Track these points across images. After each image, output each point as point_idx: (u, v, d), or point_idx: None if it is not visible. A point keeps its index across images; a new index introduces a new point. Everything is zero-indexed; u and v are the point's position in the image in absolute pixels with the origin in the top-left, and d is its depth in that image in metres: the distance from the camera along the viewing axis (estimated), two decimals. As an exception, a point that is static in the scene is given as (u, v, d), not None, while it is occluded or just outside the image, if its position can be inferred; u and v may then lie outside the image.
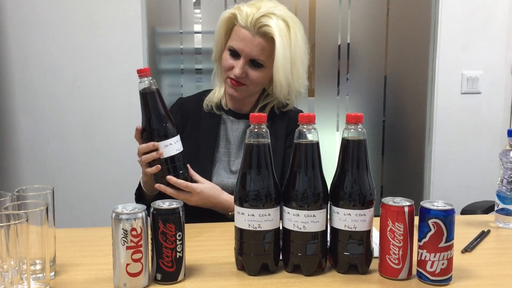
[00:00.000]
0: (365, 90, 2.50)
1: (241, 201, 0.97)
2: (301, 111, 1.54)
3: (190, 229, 1.23)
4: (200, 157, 1.47)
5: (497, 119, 2.45)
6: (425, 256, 0.93)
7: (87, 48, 2.31)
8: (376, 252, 1.00)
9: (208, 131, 1.49)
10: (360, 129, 0.98)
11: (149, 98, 1.23)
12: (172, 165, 1.26)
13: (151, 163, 1.25)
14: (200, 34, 2.43)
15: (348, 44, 2.45)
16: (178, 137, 1.27)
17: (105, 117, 2.34)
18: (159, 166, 1.24)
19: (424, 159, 2.54)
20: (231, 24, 1.41)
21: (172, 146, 1.24)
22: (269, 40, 1.35)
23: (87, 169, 2.35)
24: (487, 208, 1.92)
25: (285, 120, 1.51)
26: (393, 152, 2.53)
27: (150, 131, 1.24)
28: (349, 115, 0.98)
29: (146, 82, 1.23)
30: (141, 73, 1.22)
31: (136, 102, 1.24)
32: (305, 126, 0.98)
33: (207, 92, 1.56)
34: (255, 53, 1.36)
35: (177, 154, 1.26)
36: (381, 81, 2.49)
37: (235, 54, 1.39)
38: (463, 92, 2.42)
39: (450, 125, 2.44)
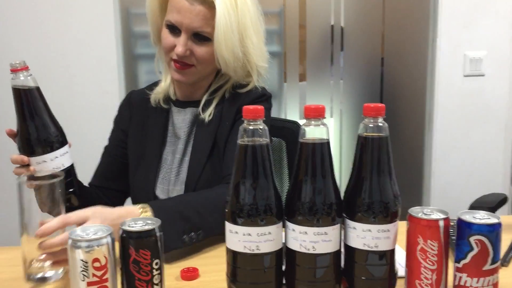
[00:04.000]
0: (361, 74, 2.32)
1: (234, 216, 0.78)
2: (264, 90, 1.26)
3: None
4: (146, 161, 1.26)
5: (502, 103, 2.30)
6: (465, 281, 0.75)
7: (52, 32, 2.07)
8: (400, 274, 0.82)
9: (155, 130, 1.26)
10: (381, 124, 0.79)
11: (24, 97, 0.98)
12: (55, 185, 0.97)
13: None
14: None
15: (342, 26, 2.25)
16: (63, 150, 1.01)
17: (74, 108, 2.11)
18: (33, 183, 0.91)
19: (424, 147, 2.37)
20: None
21: (49, 163, 0.98)
22: (211, 7, 1.12)
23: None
24: (498, 202, 1.76)
25: (239, 98, 1.24)
26: (390, 139, 2.36)
27: (22, 140, 0.98)
28: (367, 106, 0.78)
29: (22, 77, 0.98)
30: (14, 69, 0.98)
31: (111, 91, 1.01)
32: (312, 121, 0.78)
33: (159, 82, 1.33)
34: (196, 24, 1.13)
35: (59, 171, 0.99)
36: (378, 64, 2.31)
37: (174, 29, 1.15)
38: (466, 74, 2.26)
39: (451, 110, 2.28)
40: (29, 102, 0.98)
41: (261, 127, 0.78)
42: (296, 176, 0.79)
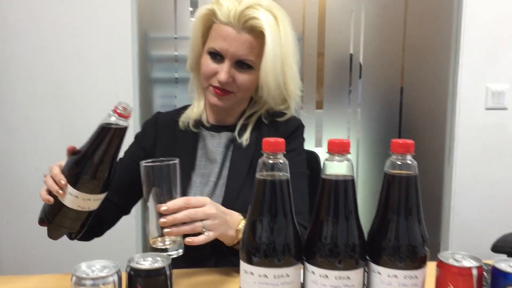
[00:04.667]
0: (379, 103, 2.27)
1: (250, 256, 0.72)
2: (300, 121, 1.29)
3: (179, 278, 0.98)
4: None
5: (525, 138, 2.21)
6: (501, 337, 0.69)
7: (69, 53, 2.06)
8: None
9: (184, 153, 1.24)
10: (409, 162, 0.74)
11: (109, 136, 0.91)
12: (66, 217, 0.95)
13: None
14: (196, 40, 2.19)
15: (361, 54, 2.21)
16: (100, 196, 0.96)
17: (88, 131, 2.08)
18: (51, 199, 0.94)
19: (443, 180, 2.30)
20: (209, 22, 1.18)
21: (79, 201, 0.93)
22: (257, 35, 1.13)
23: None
24: (523, 241, 1.68)
25: (278, 127, 1.25)
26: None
27: (76, 169, 0.92)
28: (395, 143, 0.73)
29: (122, 122, 0.91)
30: (122, 115, 0.90)
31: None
32: (336, 156, 0.73)
33: (188, 106, 1.33)
34: (242, 52, 1.13)
35: (79, 210, 0.94)
36: (397, 94, 2.26)
37: (217, 56, 1.15)
38: (488, 107, 2.19)
39: (472, 144, 2.21)
40: (110, 142, 0.91)
41: (281, 161, 0.74)
42: (317, 214, 0.74)
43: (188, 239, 0.91)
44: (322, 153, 2.24)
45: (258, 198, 0.73)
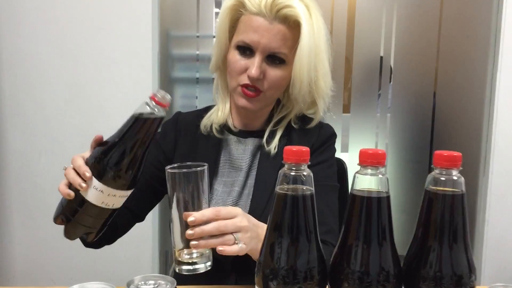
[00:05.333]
0: (411, 108, 2.14)
1: (267, 282, 0.63)
2: (332, 129, 1.20)
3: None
4: None
5: None
6: None
7: (87, 52, 2.00)
8: None
9: (206, 159, 1.11)
10: (456, 177, 0.63)
11: (149, 127, 0.83)
12: (87, 214, 0.87)
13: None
14: (219, 39, 2.11)
15: (392, 57, 2.10)
16: (126, 193, 0.87)
17: (108, 132, 2.01)
18: (71, 193, 0.86)
19: (478, 192, 2.16)
20: (237, 14, 1.08)
21: (103, 196, 0.85)
22: (291, 26, 1.03)
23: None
24: None
25: (309, 134, 1.16)
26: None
27: (104, 160, 0.84)
28: (439, 155, 0.63)
29: (157, 111, 0.84)
30: (160, 103, 0.83)
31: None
32: (369, 169, 0.63)
33: (211, 108, 1.23)
34: (275, 44, 1.03)
35: (103, 207, 0.86)
36: (430, 98, 2.13)
37: (246, 51, 1.06)
38: (528, 114, 2.04)
39: (510, 153, 2.06)
40: (144, 133, 0.83)
41: (305, 173, 0.64)
42: (346, 235, 0.64)
43: (220, 248, 0.82)
44: (347, 158, 2.14)
45: (278, 215, 0.64)
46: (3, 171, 2.07)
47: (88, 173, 0.83)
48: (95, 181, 0.83)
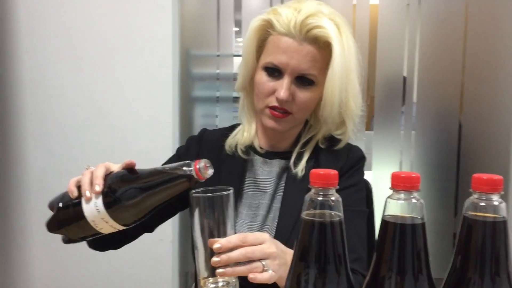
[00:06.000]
0: (436, 125, 2.09)
1: (293, 315, 0.59)
2: (362, 151, 1.17)
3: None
4: None
5: None
6: None
7: (108, 72, 2.00)
8: None
9: (231, 179, 1.11)
10: (497, 203, 0.58)
11: (178, 188, 0.82)
12: (75, 219, 0.85)
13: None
14: (239, 57, 2.09)
15: (415, 76, 2.06)
16: (119, 228, 0.85)
17: (128, 152, 2.01)
18: (75, 193, 0.85)
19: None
20: (264, 34, 1.05)
21: (98, 218, 0.82)
22: (321, 47, 1.01)
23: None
24: None
25: (338, 156, 1.12)
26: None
27: (123, 186, 0.82)
28: (479, 179, 0.58)
29: (193, 179, 0.83)
30: (199, 174, 0.81)
31: (164, 135, 0.85)
32: (402, 194, 0.59)
33: (236, 126, 1.21)
34: (305, 65, 1.00)
35: (90, 225, 0.84)
36: (455, 116, 2.07)
37: (275, 72, 1.03)
38: (560, 131, 1.96)
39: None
40: (172, 191, 0.83)
41: (333, 198, 0.60)
42: (378, 265, 0.59)
43: (252, 276, 0.78)
44: (371, 177, 2.08)
45: (304, 243, 0.60)
46: (24, 191, 2.07)
47: (98, 188, 0.82)
48: (99, 201, 0.81)
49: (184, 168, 0.80)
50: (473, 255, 0.58)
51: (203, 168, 0.80)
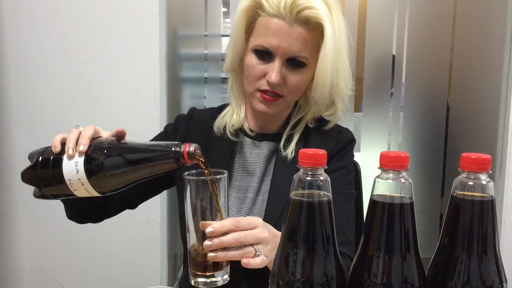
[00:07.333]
0: (424, 106, 2.09)
1: (281, 294, 0.59)
2: (352, 134, 1.16)
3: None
4: None
5: None
6: None
7: (94, 52, 1.97)
8: None
9: (219, 161, 1.09)
10: (485, 182, 0.58)
11: (164, 167, 0.80)
12: (53, 175, 0.82)
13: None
14: (228, 38, 2.07)
15: (405, 56, 2.05)
16: (94, 194, 0.83)
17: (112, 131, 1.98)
18: (58, 149, 0.85)
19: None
20: (253, 16, 1.02)
21: (75, 179, 0.80)
22: (311, 28, 0.98)
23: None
24: None
25: (327, 138, 1.11)
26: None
27: (108, 153, 0.80)
28: (466, 158, 0.58)
29: (180, 162, 0.81)
30: (186, 157, 0.79)
31: (152, 116, 0.84)
32: (391, 174, 0.58)
33: (224, 107, 1.19)
34: (296, 47, 0.98)
35: (66, 184, 0.81)
36: (444, 96, 2.08)
37: (265, 55, 1.00)
38: (546, 112, 1.98)
39: (528, 153, 2.00)
40: (157, 168, 0.81)
41: (321, 178, 0.60)
42: (366, 245, 0.59)
43: (245, 261, 0.79)
44: (359, 158, 2.09)
45: (292, 223, 0.60)
46: (8, 173, 2.05)
47: (83, 147, 0.81)
48: (80, 160, 0.80)
49: (174, 149, 0.79)
50: (461, 234, 0.58)
51: (192, 152, 0.78)
